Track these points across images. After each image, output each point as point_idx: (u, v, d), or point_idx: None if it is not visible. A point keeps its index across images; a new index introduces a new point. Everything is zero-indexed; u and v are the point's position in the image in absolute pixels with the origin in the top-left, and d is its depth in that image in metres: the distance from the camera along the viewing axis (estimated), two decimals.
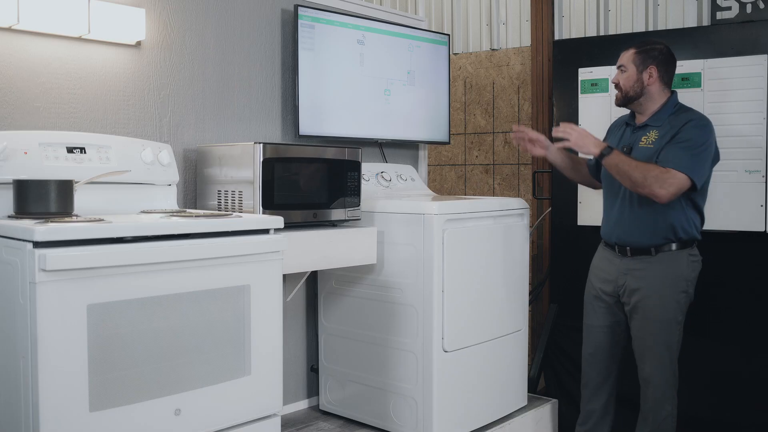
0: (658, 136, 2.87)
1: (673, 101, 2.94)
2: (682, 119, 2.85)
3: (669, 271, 2.88)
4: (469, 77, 4.67)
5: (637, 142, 2.92)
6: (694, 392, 3.46)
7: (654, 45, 2.95)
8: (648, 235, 2.88)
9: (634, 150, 2.91)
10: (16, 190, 2.07)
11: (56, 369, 1.79)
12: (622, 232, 2.94)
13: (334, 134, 3.18)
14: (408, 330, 2.87)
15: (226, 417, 2.15)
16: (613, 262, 3.00)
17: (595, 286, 3.09)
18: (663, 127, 2.88)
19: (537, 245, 4.27)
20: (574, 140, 2.87)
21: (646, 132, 2.92)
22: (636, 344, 2.97)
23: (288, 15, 3.12)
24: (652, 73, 2.90)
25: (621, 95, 2.96)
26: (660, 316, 2.88)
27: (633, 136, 2.96)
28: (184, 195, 2.80)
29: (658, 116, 2.92)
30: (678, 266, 2.89)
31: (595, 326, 3.10)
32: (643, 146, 2.89)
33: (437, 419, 2.83)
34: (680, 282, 2.89)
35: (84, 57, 2.52)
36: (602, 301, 3.06)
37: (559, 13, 4.24)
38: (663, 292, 2.88)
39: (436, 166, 4.82)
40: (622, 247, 2.95)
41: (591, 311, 3.12)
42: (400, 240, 2.88)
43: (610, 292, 3.02)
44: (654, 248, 2.88)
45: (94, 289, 1.85)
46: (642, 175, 2.74)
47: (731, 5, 3.59)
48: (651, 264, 2.89)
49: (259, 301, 2.22)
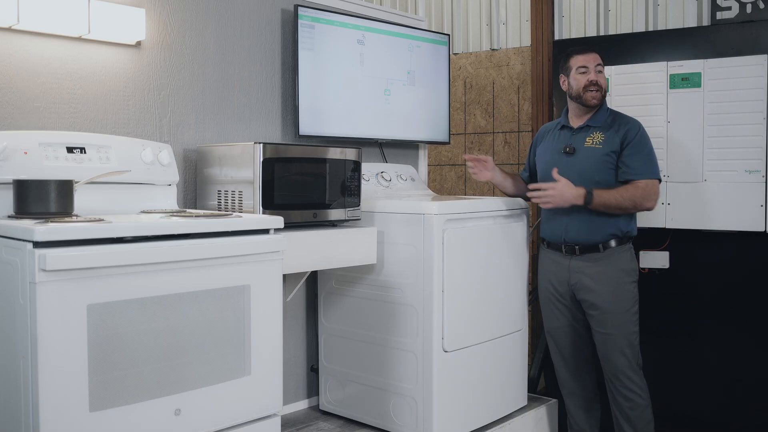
0: (604, 137, 3.00)
1: (606, 105, 3.10)
2: (625, 125, 3.01)
3: (618, 265, 2.99)
4: (469, 77, 4.67)
5: (581, 143, 3.04)
6: (695, 392, 3.46)
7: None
8: (596, 234, 2.98)
9: (579, 150, 3.02)
10: (16, 190, 2.07)
11: (56, 369, 1.79)
12: (571, 233, 3.02)
13: (334, 134, 3.18)
14: (408, 330, 2.87)
15: (226, 417, 2.15)
16: (561, 262, 3.08)
17: (547, 289, 3.16)
18: (604, 129, 3.02)
19: (537, 245, 4.27)
20: (556, 201, 2.93)
21: (589, 133, 3.04)
22: (597, 340, 3.05)
23: (288, 15, 3.12)
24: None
25: (601, 94, 3.05)
26: (617, 309, 2.98)
27: (574, 138, 3.07)
28: (184, 195, 2.80)
29: (596, 118, 3.06)
30: (624, 260, 3.01)
31: (556, 327, 3.17)
32: (589, 146, 3.01)
33: (437, 419, 2.83)
34: (630, 273, 3.02)
35: (84, 57, 2.52)
36: (558, 302, 3.13)
37: (559, 13, 4.24)
38: (617, 285, 2.98)
39: (436, 166, 4.82)
40: (571, 246, 3.03)
41: (549, 314, 3.19)
42: (400, 240, 2.88)
43: (563, 293, 3.10)
44: (601, 245, 2.98)
45: (94, 289, 1.85)
46: (631, 202, 2.93)
47: (731, 5, 3.59)
48: (600, 261, 2.99)
49: (259, 301, 2.22)
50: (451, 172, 4.77)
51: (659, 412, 3.16)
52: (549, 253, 3.15)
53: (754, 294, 3.40)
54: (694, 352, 3.52)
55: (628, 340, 2.99)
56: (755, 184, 3.31)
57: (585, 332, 3.13)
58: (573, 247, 3.03)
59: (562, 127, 3.14)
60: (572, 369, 3.19)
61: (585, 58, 3.06)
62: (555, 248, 3.11)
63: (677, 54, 3.32)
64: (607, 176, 2.97)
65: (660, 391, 3.41)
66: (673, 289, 3.59)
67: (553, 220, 3.10)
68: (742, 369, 3.42)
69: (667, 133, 3.48)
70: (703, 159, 3.41)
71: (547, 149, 3.16)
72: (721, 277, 3.45)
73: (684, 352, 3.55)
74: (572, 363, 3.18)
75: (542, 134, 3.26)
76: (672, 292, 3.59)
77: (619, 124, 3.02)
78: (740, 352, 3.43)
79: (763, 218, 3.30)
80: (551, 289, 3.14)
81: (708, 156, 3.41)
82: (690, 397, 3.51)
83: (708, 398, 3.48)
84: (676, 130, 3.48)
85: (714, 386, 3.48)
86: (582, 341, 3.15)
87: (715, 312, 3.49)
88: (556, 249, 3.11)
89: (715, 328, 3.47)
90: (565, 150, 3.05)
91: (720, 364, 3.46)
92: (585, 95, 3.03)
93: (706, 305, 3.52)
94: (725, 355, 3.45)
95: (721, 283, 3.45)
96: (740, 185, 3.33)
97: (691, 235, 3.48)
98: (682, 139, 3.47)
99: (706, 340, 3.49)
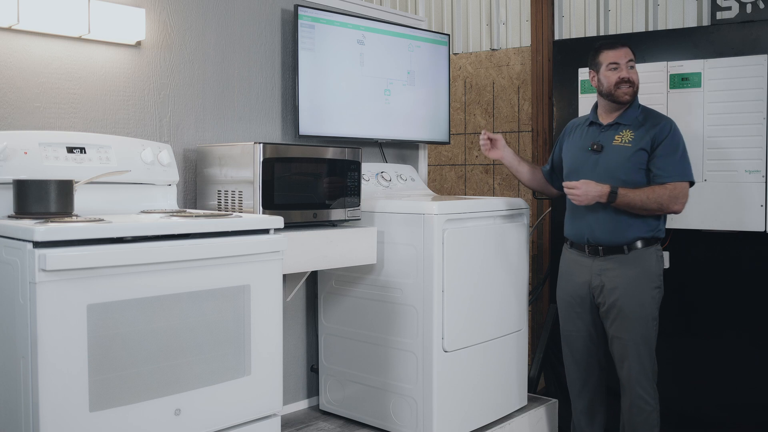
0: (634, 136, 2.91)
1: (638, 101, 3.01)
2: (657, 123, 2.92)
3: (642, 268, 2.92)
4: (469, 77, 4.67)
5: (609, 141, 2.96)
6: (695, 392, 3.46)
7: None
8: (621, 234, 2.91)
9: (607, 148, 2.95)
10: (16, 190, 2.07)
11: (56, 369, 1.79)
12: (595, 233, 2.95)
13: (334, 134, 3.18)
14: (408, 330, 2.87)
15: (226, 417, 2.15)
16: (584, 263, 3.01)
17: (567, 292, 3.10)
18: (635, 127, 2.93)
19: (537, 245, 4.27)
20: (582, 200, 2.85)
21: (618, 131, 2.96)
22: (614, 344, 2.97)
23: (288, 15, 3.12)
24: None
25: (633, 90, 2.96)
26: (638, 313, 2.91)
27: (603, 135, 2.99)
28: (184, 195, 2.80)
29: (627, 115, 2.97)
30: (649, 263, 2.93)
31: (573, 332, 3.11)
32: (618, 145, 2.93)
33: (437, 419, 2.83)
34: (654, 278, 2.94)
35: (84, 57, 2.52)
36: (578, 306, 3.06)
37: (559, 13, 4.24)
38: (639, 289, 2.91)
39: (436, 166, 4.82)
40: (594, 247, 2.96)
41: (567, 318, 3.12)
42: (400, 240, 2.88)
43: (584, 295, 3.03)
44: (626, 246, 2.91)
45: (94, 289, 1.85)
46: (657, 203, 2.84)
47: (731, 5, 3.59)
48: (624, 262, 2.92)
49: (259, 301, 2.22)
50: (451, 172, 4.77)
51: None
52: (571, 254, 3.07)
53: (754, 294, 3.40)
54: (694, 352, 3.52)
55: (646, 346, 2.91)
56: (755, 184, 3.31)
57: (601, 337, 3.05)
58: (596, 247, 2.95)
59: (590, 124, 3.06)
60: (583, 372, 3.12)
61: (615, 53, 2.96)
62: (578, 248, 3.03)
63: (677, 54, 3.31)
64: (635, 176, 2.89)
65: (659, 390, 3.41)
66: (673, 289, 3.58)
67: (577, 218, 3.02)
68: (742, 369, 3.42)
69: None
70: (703, 159, 3.41)
71: (573, 146, 3.09)
72: (721, 277, 3.45)
73: (684, 352, 3.54)
74: (584, 366, 3.11)
75: (570, 130, 3.18)
76: (672, 292, 3.59)
77: (650, 122, 2.92)
78: (740, 352, 3.43)
79: (763, 218, 3.29)
80: (570, 291, 3.07)
81: (708, 156, 3.40)
82: (690, 397, 3.50)
83: (708, 398, 3.48)
84: None
85: (714, 386, 3.48)
86: (596, 346, 3.08)
87: (715, 312, 3.48)
88: (579, 249, 3.03)
89: (715, 329, 3.47)
90: (593, 147, 2.97)
91: (720, 364, 3.46)
92: (616, 92, 2.94)
93: (706, 305, 3.51)
94: (725, 356, 3.45)
95: (721, 283, 3.45)
96: (740, 185, 3.33)
97: (691, 235, 3.47)
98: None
99: (706, 340, 3.48)
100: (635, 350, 2.91)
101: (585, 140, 3.04)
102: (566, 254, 3.12)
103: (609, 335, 2.99)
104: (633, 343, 2.91)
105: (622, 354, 2.95)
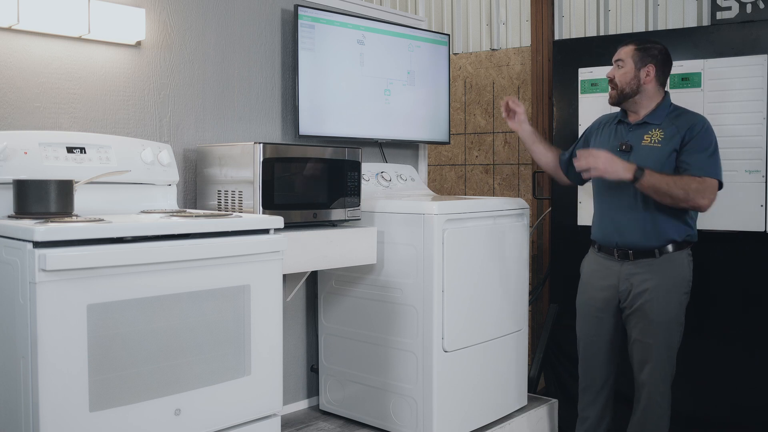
0: (664, 135, 2.82)
1: (668, 101, 2.92)
2: (689, 121, 2.83)
3: (673, 273, 2.85)
4: (469, 77, 4.67)
5: (638, 140, 2.87)
6: (695, 391, 3.46)
7: (654, 44, 2.91)
8: (653, 238, 2.83)
9: (636, 147, 2.86)
10: (16, 190, 2.07)
11: (56, 369, 1.79)
12: (625, 236, 2.88)
13: (334, 134, 3.18)
14: (408, 330, 2.87)
15: (226, 417, 2.15)
16: (612, 267, 2.93)
17: (591, 296, 3.01)
18: (665, 126, 2.84)
19: (537, 245, 4.27)
20: (603, 167, 2.72)
21: (647, 130, 2.87)
22: (636, 347, 2.90)
23: (288, 15, 3.12)
24: (649, 72, 2.86)
25: (616, 92, 2.90)
26: (664, 318, 2.84)
27: (631, 134, 2.90)
28: (184, 195, 2.80)
29: (656, 115, 2.87)
30: (680, 267, 2.86)
31: (593, 336, 3.03)
32: (647, 144, 2.84)
33: (437, 419, 2.83)
34: (684, 283, 2.88)
35: (84, 57, 2.52)
36: (601, 311, 2.98)
37: (559, 13, 4.24)
38: (669, 294, 2.84)
39: (436, 166, 4.82)
40: (624, 251, 2.89)
41: (589, 323, 3.04)
42: (400, 240, 2.88)
43: (609, 299, 2.95)
44: (658, 250, 2.84)
45: (94, 289, 1.85)
46: (683, 191, 2.71)
47: (731, 5, 3.59)
48: (655, 266, 2.84)
49: (259, 301, 2.22)
50: (451, 172, 4.77)
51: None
52: (598, 258, 2.99)
53: (754, 294, 3.40)
54: (694, 352, 3.52)
55: (669, 351, 2.86)
56: (755, 184, 3.30)
57: (619, 341, 2.99)
58: (626, 251, 2.87)
59: (618, 122, 2.97)
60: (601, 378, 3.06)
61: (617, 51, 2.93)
62: (606, 252, 2.94)
63: (677, 54, 3.30)
64: None
65: None
66: None
67: (605, 220, 2.95)
68: (743, 369, 3.42)
69: None
70: None
71: (602, 144, 2.97)
72: (721, 277, 3.45)
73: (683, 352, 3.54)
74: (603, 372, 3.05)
75: (597, 126, 3.09)
76: None
77: (681, 120, 2.82)
78: (740, 352, 3.42)
79: (763, 218, 3.29)
80: (593, 296, 3.00)
81: None
82: (690, 397, 3.50)
83: (708, 398, 3.48)
84: None
85: (714, 386, 3.48)
86: (614, 352, 3.01)
87: (715, 312, 3.48)
88: (607, 253, 2.94)
89: (715, 329, 3.47)
90: (621, 148, 2.87)
91: (720, 364, 3.46)
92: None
93: (706, 305, 3.51)
94: (725, 356, 3.45)
95: (721, 284, 3.45)
96: (740, 185, 3.33)
97: None
98: None
99: (707, 340, 3.48)
100: (658, 355, 2.85)
101: (614, 139, 2.94)
102: (592, 257, 3.04)
103: (631, 338, 2.92)
104: (656, 348, 2.85)
105: (644, 357, 2.88)
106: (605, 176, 2.76)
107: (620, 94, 2.89)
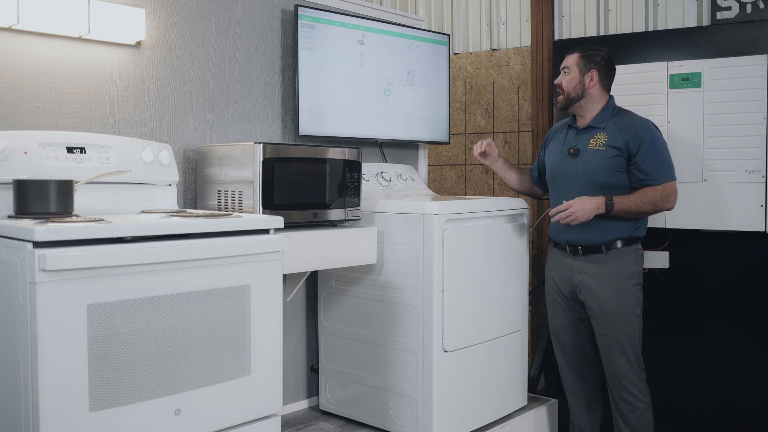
0: (608, 138, 2.96)
1: (612, 104, 3.06)
2: (632, 125, 2.96)
3: (621, 268, 2.96)
4: (469, 77, 4.67)
5: (585, 144, 3.01)
6: (694, 392, 3.46)
7: (596, 51, 3.07)
8: (599, 235, 2.96)
9: (583, 152, 3.00)
10: (16, 190, 2.07)
11: (56, 369, 1.79)
12: (575, 233, 3.00)
13: (334, 134, 3.18)
14: (408, 330, 2.87)
15: (226, 417, 2.16)
16: (565, 262, 3.07)
17: (552, 287, 3.17)
18: (608, 130, 2.98)
19: (537, 245, 4.27)
20: (579, 216, 2.87)
21: (593, 134, 3.01)
22: (600, 342, 3.04)
23: (288, 15, 3.12)
24: (593, 77, 3.01)
25: (564, 97, 3.05)
26: (618, 311, 2.96)
27: (579, 138, 3.05)
28: (184, 195, 2.80)
29: (600, 118, 3.02)
30: (626, 261, 2.98)
31: (560, 326, 3.17)
32: (593, 148, 2.98)
33: (437, 419, 2.83)
34: (632, 276, 2.99)
35: (84, 57, 2.52)
36: (562, 300, 3.13)
37: (559, 13, 4.24)
38: (618, 287, 2.96)
39: (436, 166, 4.82)
40: (574, 246, 3.02)
41: (553, 312, 3.19)
42: (400, 240, 2.88)
43: (566, 292, 3.09)
44: (605, 246, 2.96)
45: (94, 289, 1.85)
46: (652, 205, 2.90)
47: (731, 5, 3.59)
48: (603, 262, 2.97)
49: (259, 301, 2.22)
50: (451, 172, 4.77)
51: (659, 412, 3.16)
52: (554, 252, 3.15)
53: (754, 294, 3.40)
54: (694, 352, 3.52)
55: (629, 342, 2.97)
56: (755, 184, 3.31)
57: (588, 332, 3.12)
58: (576, 247, 3.02)
59: (568, 127, 3.13)
60: (575, 368, 3.19)
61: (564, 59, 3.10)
62: (560, 248, 3.11)
63: (677, 54, 3.32)
64: (611, 178, 2.93)
65: (659, 391, 3.41)
66: (673, 290, 3.59)
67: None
68: (742, 369, 3.42)
69: (667, 133, 3.48)
70: (703, 159, 3.41)
71: (554, 149, 3.15)
72: (721, 277, 3.45)
73: (684, 352, 3.54)
74: (575, 362, 3.18)
75: (552, 133, 3.25)
76: (672, 293, 3.59)
77: (625, 124, 2.96)
78: (740, 352, 3.43)
79: (763, 218, 3.30)
80: (555, 288, 3.14)
81: (708, 156, 3.41)
82: (690, 397, 3.51)
83: (708, 398, 3.48)
84: (676, 130, 3.48)
85: (714, 386, 3.48)
86: (585, 341, 3.14)
87: (715, 312, 3.48)
88: (560, 248, 3.10)
89: (715, 328, 3.47)
90: (569, 152, 3.03)
91: (720, 364, 3.46)
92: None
93: (706, 305, 3.52)
94: (725, 355, 3.45)
95: (721, 283, 3.45)
96: (740, 185, 3.33)
97: (691, 235, 3.48)
98: (682, 140, 3.47)
99: (707, 340, 3.49)
100: (620, 347, 2.97)
101: (564, 144, 3.10)
102: (550, 252, 3.21)
103: (596, 333, 3.05)
104: (617, 341, 2.97)
105: (608, 351, 3.01)
106: (582, 220, 2.88)
107: (567, 98, 3.06)
